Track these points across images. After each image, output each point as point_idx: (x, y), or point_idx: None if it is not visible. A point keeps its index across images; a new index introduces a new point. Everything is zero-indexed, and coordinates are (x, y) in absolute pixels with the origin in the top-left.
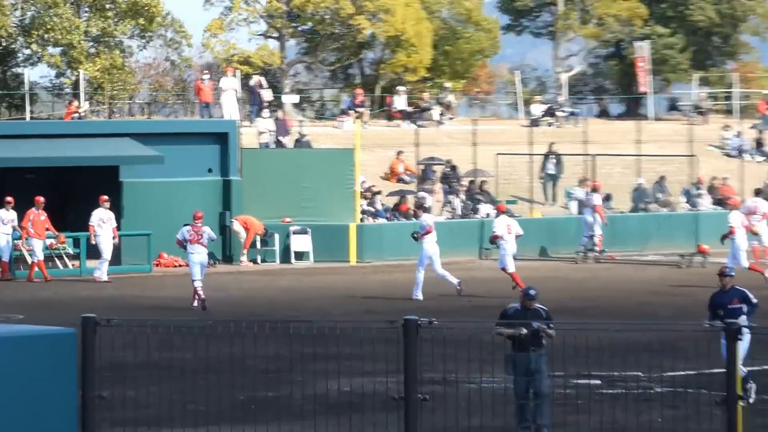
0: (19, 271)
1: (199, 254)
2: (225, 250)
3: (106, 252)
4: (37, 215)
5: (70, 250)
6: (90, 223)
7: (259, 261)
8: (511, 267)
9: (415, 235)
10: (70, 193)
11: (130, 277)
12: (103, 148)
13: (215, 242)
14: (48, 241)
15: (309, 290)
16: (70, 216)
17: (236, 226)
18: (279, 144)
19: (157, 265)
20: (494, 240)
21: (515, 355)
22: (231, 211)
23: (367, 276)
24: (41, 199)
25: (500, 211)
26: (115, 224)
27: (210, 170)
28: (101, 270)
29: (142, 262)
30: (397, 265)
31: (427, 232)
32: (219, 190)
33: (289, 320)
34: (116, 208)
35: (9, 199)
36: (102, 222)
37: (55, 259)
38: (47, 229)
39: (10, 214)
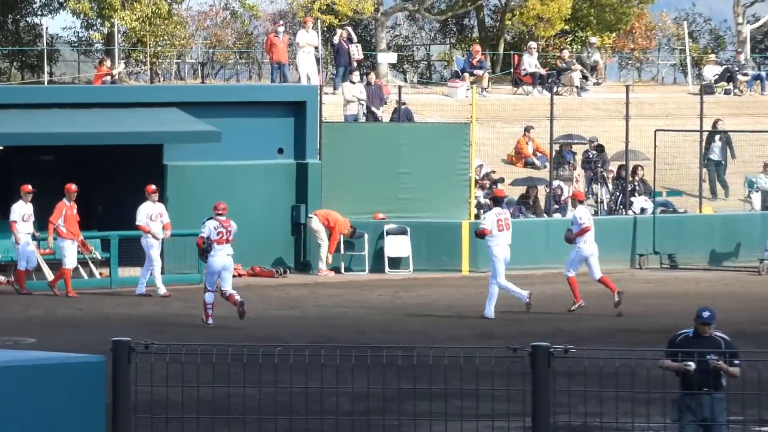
0: (30, 281)
1: (223, 257)
2: (298, 255)
3: (156, 258)
4: (70, 209)
5: (98, 255)
6: (138, 223)
7: (342, 269)
8: (574, 270)
9: (477, 232)
10: (97, 180)
11: (176, 290)
12: (142, 121)
13: (287, 246)
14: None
15: (408, 308)
16: (97, 210)
17: (315, 223)
18: (371, 116)
19: None
20: (579, 236)
21: (684, 396)
22: (307, 205)
23: (485, 289)
24: (74, 187)
25: (578, 200)
26: (167, 220)
27: (281, 151)
28: (144, 280)
29: (190, 269)
30: (525, 276)
31: (482, 233)
32: (292, 176)
33: (381, 346)
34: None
35: (28, 188)
36: (150, 220)
37: (78, 266)
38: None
39: (29, 208)
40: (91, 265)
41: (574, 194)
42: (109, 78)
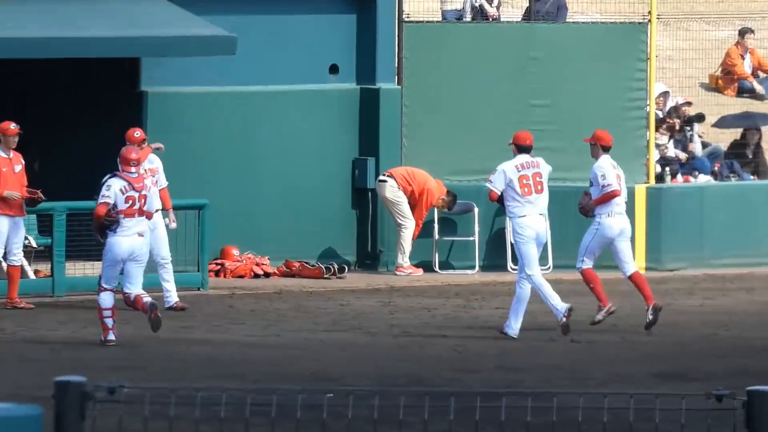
0: None
1: (133, 237)
2: (363, 241)
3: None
4: (8, 163)
5: (33, 242)
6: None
7: (436, 265)
8: (588, 262)
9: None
10: (33, 119)
11: (163, 298)
12: (107, 20)
13: (345, 228)
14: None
15: (543, 327)
16: (32, 167)
17: (390, 190)
18: (480, 14)
19: (218, 272)
20: (595, 206)
21: None
22: (378, 159)
23: (676, 298)
24: (13, 127)
25: (600, 146)
26: (165, 183)
27: (335, 69)
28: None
29: (187, 266)
30: (741, 276)
31: (494, 198)
32: (354, 111)
33: (499, 392)
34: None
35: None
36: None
37: None
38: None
39: None
40: (24, 262)
41: (594, 135)
42: None
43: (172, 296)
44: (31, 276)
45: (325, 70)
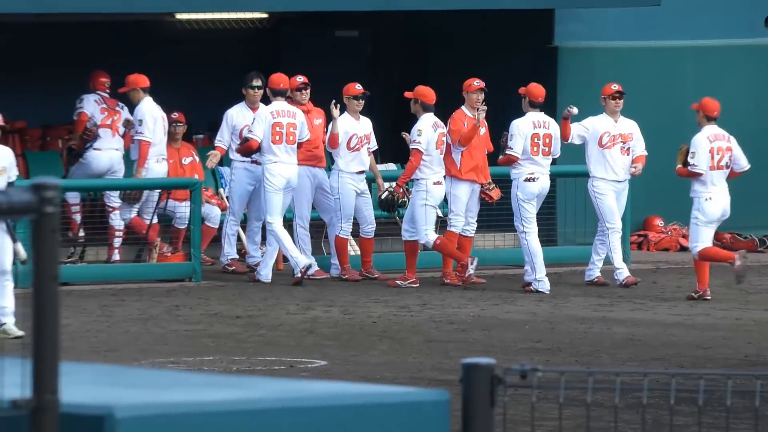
0: None
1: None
2: None
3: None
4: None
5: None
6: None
7: None
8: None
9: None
10: (433, 71)
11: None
12: None
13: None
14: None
15: None
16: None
17: None
18: None
19: (640, 244)
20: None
21: None
22: None
23: None
24: (477, 83)
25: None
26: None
27: None
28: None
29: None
30: None
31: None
32: None
33: None
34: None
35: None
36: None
37: None
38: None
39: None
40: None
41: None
42: None
43: (595, 270)
44: None
45: (760, 22)
